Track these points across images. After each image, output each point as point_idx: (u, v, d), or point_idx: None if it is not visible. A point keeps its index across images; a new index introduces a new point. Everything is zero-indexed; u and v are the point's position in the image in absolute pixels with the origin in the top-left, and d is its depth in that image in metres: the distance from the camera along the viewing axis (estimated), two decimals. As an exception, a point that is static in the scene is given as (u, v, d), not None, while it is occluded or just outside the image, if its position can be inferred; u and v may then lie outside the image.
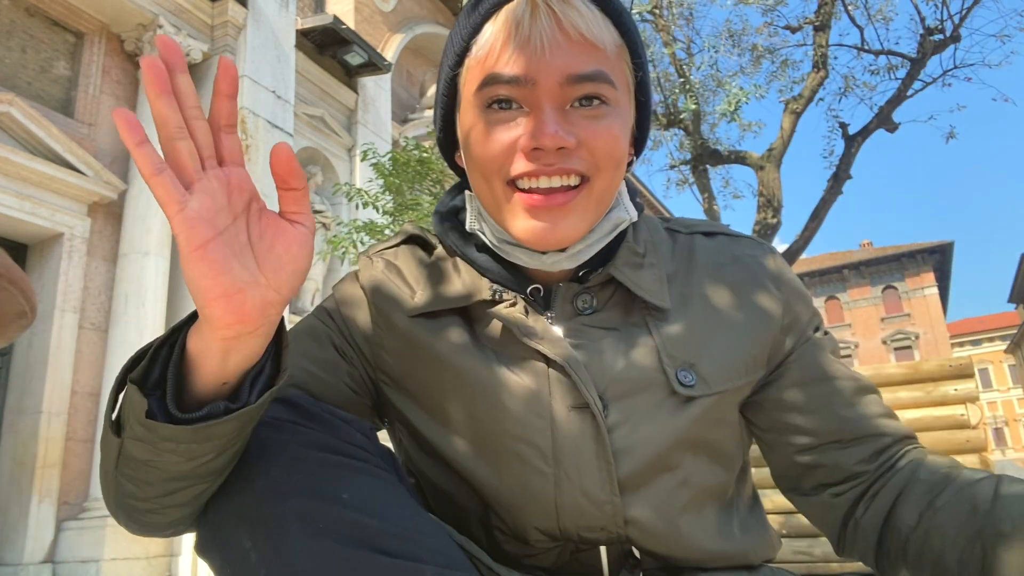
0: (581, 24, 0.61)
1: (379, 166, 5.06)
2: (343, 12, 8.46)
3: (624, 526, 0.65)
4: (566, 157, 0.63)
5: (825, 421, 0.70)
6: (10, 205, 5.16)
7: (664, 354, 0.67)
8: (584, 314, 0.70)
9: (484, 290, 0.70)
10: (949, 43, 7.59)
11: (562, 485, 0.65)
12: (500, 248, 0.70)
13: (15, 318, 0.90)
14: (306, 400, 0.62)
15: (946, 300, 36.39)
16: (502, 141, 0.63)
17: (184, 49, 6.20)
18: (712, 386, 0.67)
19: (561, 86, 0.62)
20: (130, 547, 5.06)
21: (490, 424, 0.67)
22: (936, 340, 34.25)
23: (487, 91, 0.63)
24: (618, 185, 0.69)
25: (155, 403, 0.51)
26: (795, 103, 7.78)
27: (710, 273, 0.73)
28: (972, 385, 3.21)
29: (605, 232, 0.69)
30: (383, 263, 0.76)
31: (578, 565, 0.69)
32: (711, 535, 0.68)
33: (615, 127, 0.64)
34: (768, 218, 7.53)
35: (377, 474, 0.58)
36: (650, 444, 0.65)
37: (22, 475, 5.08)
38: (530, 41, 0.61)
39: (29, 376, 5.30)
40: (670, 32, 7.81)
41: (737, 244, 0.76)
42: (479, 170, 0.66)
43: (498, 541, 0.70)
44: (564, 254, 0.67)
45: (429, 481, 0.73)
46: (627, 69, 0.67)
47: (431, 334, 0.70)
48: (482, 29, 0.65)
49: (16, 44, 5.60)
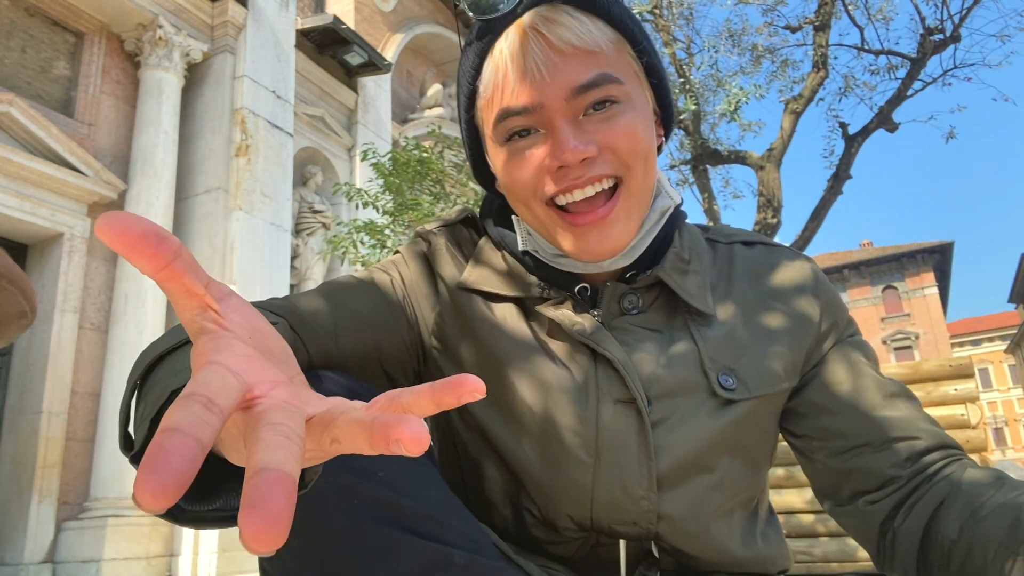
0: (571, 36, 0.63)
1: (379, 166, 5.06)
2: (343, 12, 8.46)
3: (656, 522, 0.66)
4: (592, 165, 0.64)
5: (855, 423, 0.70)
6: (10, 205, 5.16)
7: (706, 357, 0.69)
8: (630, 314, 0.71)
9: (533, 287, 0.72)
10: (949, 43, 7.59)
11: (600, 477, 0.66)
12: (555, 262, 0.72)
13: (15, 318, 0.90)
14: (346, 377, 0.63)
15: (946, 300, 36.38)
16: (530, 167, 0.65)
17: (184, 49, 6.21)
18: (752, 390, 0.68)
19: (568, 101, 0.63)
20: (130, 547, 5.06)
21: (535, 409, 0.68)
22: (936, 340, 34.25)
23: (502, 126, 0.66)
24: (654, 176, 0.69)
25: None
26: (795, 103, 7.78)
27: (750, 281, 0.75)
28: (972, 385, 3.21)
29: (653, 222, 0.71)
30: (446, 234, 0.78)
31: (596, 559, 0.70)
32: (736, 540, 0.69)
33: (633, 122, 0.65)
34: (768, 218, 7.53)
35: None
36: (690, 443, 0.66)
37: (22, 475, 5.09)
38: (527, 69, 0.63)
39: (29, 376, 5.30)
40: (670, 32, 7.81)
41: (775, 253, 0.78)
42: (518, 197, 0.68)
43: (526, 523, 0.70)
44: (619, 255, 0.69)
45: (467, 453, 0.74)
46: (631, 59, 0.68)
47: (487, 313, 0.72)
48: (482, 69, 0.67)
49: (16, 44, 5.60)
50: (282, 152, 6.76)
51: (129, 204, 5.82)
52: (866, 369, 0.73)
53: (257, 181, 6.35)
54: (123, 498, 5.20)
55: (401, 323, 0.73)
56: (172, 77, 6.20)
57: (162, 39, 6.09)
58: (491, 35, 0.66)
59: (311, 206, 7.51)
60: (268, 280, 6.25)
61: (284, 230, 6.64)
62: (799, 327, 0.72)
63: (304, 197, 7.51)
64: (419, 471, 0.58)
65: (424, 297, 0.75)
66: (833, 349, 0.74)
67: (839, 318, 0.75)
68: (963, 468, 0.66)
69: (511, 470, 0.70)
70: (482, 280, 0.73)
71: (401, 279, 0.76)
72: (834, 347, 0.74)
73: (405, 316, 0.73)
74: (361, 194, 5.12)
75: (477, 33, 0.67)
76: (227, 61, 6.54)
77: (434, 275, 0.76)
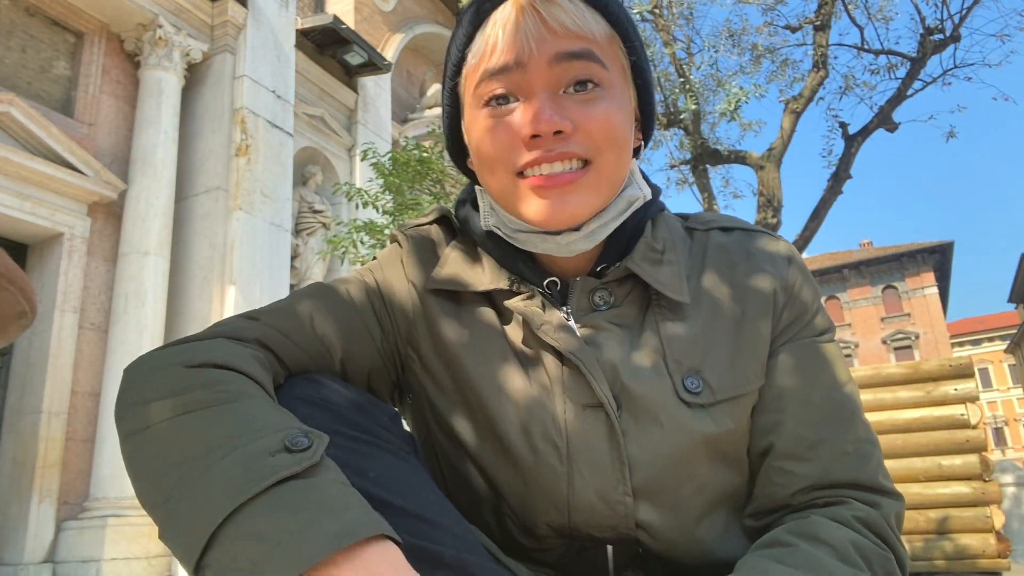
0: (566, 19, 0.63)
1: (379, 166, 5.06)
2: (343, 12, 8.46)
3: (635, 528, 0.65)
4: (565, 141, 0.63)
5: (776, 429, 0.67)
6: (10, 205, 5.16)
7: (671, 360, 0.67)
8: (600, 310, 0.70)
9: (503, 280, 0.71)
10: (949, 43, 7.59)
11: (575, 485, 0.65)
12: (514, 238, 0.70)
13: (15, 318, 0.90)
14: (337, 381, 0.64)
15: (946, 300, 36.38)
16: (505, 134, 0.65)
17: (184, 49, 6.21)
18: (718, 393, 0.66)
19: (551, 66, 0.63)
20: (130, 547, 5.06)
21: (506, 417, 0.67)
22: (936, 340, 34.24)
23: (483, 87, 0.66)
24: (626, 166, 0.69)
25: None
26: (795, 103, 7.77)
27: (723, 270, 0.72)
28: (972, 385, 3.20)
29: (620, 210, 0.69)
30: (418, 237, 0.78)
31: (584, 564, 0.69)
32: (721, 542, 0.68)
33: (611, 109, 0.65)
34: (768, 218, 7.53)
35: (401, 456, 0.59)
36: (663, 448, 0.64)
37: (22, 475, 5.09)
38: (517, 37, 0.64)
39: (29, 376, 5.30)
40: (670, 32, 7.80)
41: (752, 239, 0.74)
42: (487, 166, 0.67)
43: (510, 531, 0.70)
44: (579, 233, 0.67)
45: (448, 461, 0.73)
46: (621, 54, 0.68)
47: (457, 316, 0.71)
48: (474, 38, 0.68)
49: (16, 44, 5.60)
50: (282, 152, 6.76)
51: (129, 204, 5.83)
52: (812, 377, 0.68)
53: (257, 181, 6.34)
54: (123, 498, 5.20)
55: (376, 334, 0.72)
56: (172, 77, 6.20)
57: (162, 39, 6.09)
58: (489, 5, 0.66)
59: (311, 206, 7.51)
60: (268, 280, 6.25)
61: (284, 230, 6.64)
62: (768, 323, 0.70)
63: (304, 197, 7.51)
64: (410, 473, 0.58)
65: (398, 305, 0.74)
66: (788, 345, 0.70)
67: (803, 314, 0.71)
68: (816, 515, 0.62)
69: (489, 479, 0.69)
70: (451, 277, 0.72)
71: (377, 287, 0.75)
72: (788, 343, 0.70)
73: (380, 326, 0.73)
74: (361, 194, 5.12)
75: (475, 2, 0.68)
76: (227, 61, 6.54)
77: (407, 280, 0.75)
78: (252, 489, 0.45)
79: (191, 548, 0.46)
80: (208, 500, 0.46)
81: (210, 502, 0.46)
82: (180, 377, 0.56)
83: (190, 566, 0.46)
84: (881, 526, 0.62)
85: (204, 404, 0.53)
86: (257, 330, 0.66)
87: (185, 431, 0.52)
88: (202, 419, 0.52)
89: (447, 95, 0.73)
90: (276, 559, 0.42)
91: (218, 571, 0.44)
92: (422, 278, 0.74)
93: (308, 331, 0.68)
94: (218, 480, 0.47)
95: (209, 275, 5.96)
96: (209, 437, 0.50)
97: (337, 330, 0.70)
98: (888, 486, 0.65)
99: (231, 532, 0.45)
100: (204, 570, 0.45)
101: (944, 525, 2.86)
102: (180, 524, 0.47)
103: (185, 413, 0.53)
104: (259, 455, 0.48)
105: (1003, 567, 2.81)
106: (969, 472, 2.89)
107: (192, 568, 0.46)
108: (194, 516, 0.46)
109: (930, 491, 2.91)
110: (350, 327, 0.71)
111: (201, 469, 0.48)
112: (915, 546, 2.88)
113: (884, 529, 0.62)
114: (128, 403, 0.56)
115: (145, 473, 0.52)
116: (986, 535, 2.81)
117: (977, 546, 2.81)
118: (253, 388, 0.57)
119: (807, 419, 0.67)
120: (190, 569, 0.46)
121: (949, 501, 2.88)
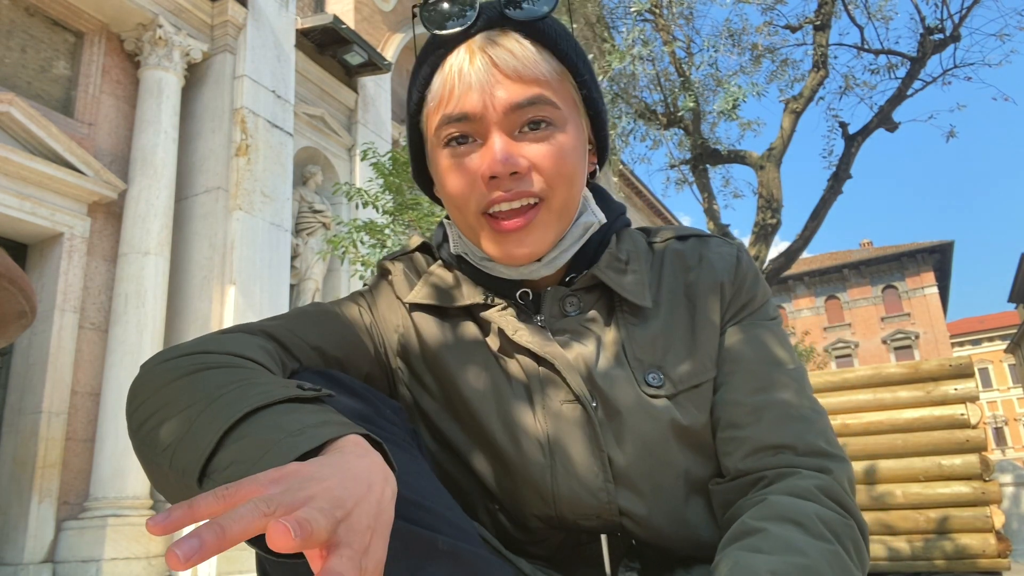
0: (515, 63, 0.68)
1: (379, 166, 5.06)
2: (343, 12, 8.46)
3: (619, 515, 0.70)
4: (520, 181, 0.68)
5: (723, 398, 0.72)
6: (10, 205, 5.16)
7: (631, 357, 0.73)
8: (571, 315, 0.76)
9: (478, 295, 0.77)
10: (949, 42, 7.59)
11: (558, 475, 0.70)
12: (483, 266, 0.77)
13: (15, 318, 0.90)
14: (344, 375, 0.68)
15: (946, 300, 36.39)
16: (465, 175, 0.70)
17: (184, 49, 6.21)
18: (678, 384, 0.72)
19: (506, 115, 0.68)
20: (130, 547, 5.06)
21: (490, 418, 0.73)
22: (936, 340, 34.25)
23: (443, 131, 0.71)
24: (578, 197, 0.74)
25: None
26: (795, 102, 7.78)
27: (679, 275, 0.78)
28: (972, 385, 3.21)
29: (576, 237, 0.76)
30: (404, 262, 0.85)
31: (580, 555, 0.73)
32: (705, 525, 0.71)
33: (564, 145, 0.70)
34: (768, 218, 7.53)
35: (404, 447, 0.62)
36: (639, 438, 0.70)
37: (22, 475, 5.09)
38: (472, 85, 0.68)
39: (29, 376, 5.30)
40: (670, 31, 7.80)
41: (705, 244, 0.81)
42: (453, 203, 0.73)
43: (503, 526, 0.75)
44: (540, 263, 0.74)
45: (441, 467, 0.78)
46: (572, 89, 0.73)
47: (439, 329, 0.78)
48: (432, 80, 0.72)
49: (16, 44, 5.60)
50: (282, 152, 6.77)
51: (129, 204, 5.83)
52: (754, 351, 0.74)
53: (257, 181, 6.35)
54: (123, 498, 5.20)
55: (369, 347, 0.78)
56: (172, 77, 6.20)
57: (162, 39, 6.09)
58: (444, 50, 0.71)
59: (311, 206, 7.51)
60: (268, 280, 6.26)
61: (284, 230, 6.65)
62: (717, 309, 0.76)
63: (304, 197, 7.51)
64: (409, 461, 0.60)
65: (388, 322, 0.80)
66: (735, 325, 0.76)
67: (751, 299, 0.77)
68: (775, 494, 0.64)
69: (479, 479, 0.74)
70: (430, 295, 0.79)
71: (369, 307, 0.81)
72: (735, 324, 0.76)
73: (372, 341, 0.79)
74: (361, 194, 5.12)
75: (431, 46, 0.72)
76: (227, 61, 6.54)
77: (395, 298, 0.82)
78: (267, 400, 0.51)
79: (201, 452, 0.49)
80: (225, 407, 0.51)
81: (227, 408, 0.51)
82: (191, 362, 0.60)
83: (193, 478, 0.49)
84: (838, 492, 0.64)
85: (217, 365, 0.59)
86: (264, 327, 0.72)
87: (199, 381, 0.56)
88: (216, 373, 0.57)
89: (410, 130, 0.79)
90: (285, 446, 0.46)
91: (225, 467, 0.48)
92: (408, 296, 0.80)
93: (311, 335, 0.74)
94: (233, 400, 0.52)
95: (209, 275, 5.96)
96: (222, 380, 0.55)
97: (335, 339, 0.75)
98: (834, 450, 0.69)
99: (243, 431, 0.49)
100: (208, 476, 0.48)
101: (944, 525, 2.86)
102: (192, 438, 0.51)
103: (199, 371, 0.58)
104: (272, 389, 0.53)
105: (1003, 567, 2.81)
106: (969, 472, 2.89)
107: (196, 477, 0.49)
108: (206, 426, 0.50)
109: (930, 491, 2.92)
110: (346, 338, 0.76)
111: (216, 396, 0.53)
112: (915, 546, 2.88)
113: (841, 495, 0.64)
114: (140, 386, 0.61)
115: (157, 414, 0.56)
116: (986, 535, 2.81)
117: (977, 546, 2.81)
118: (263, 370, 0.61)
119: (750, 387, 0.72)
120: (193, 481, 0.49)
121: (949, 501, 2.88)
